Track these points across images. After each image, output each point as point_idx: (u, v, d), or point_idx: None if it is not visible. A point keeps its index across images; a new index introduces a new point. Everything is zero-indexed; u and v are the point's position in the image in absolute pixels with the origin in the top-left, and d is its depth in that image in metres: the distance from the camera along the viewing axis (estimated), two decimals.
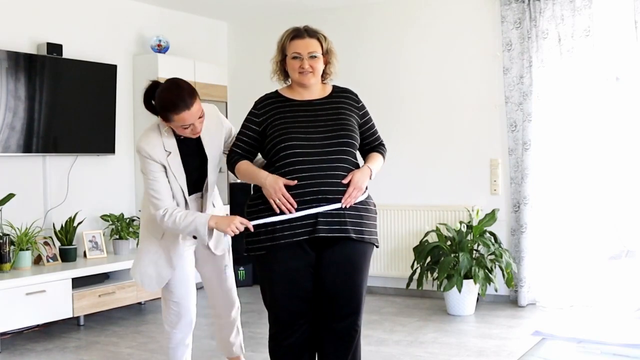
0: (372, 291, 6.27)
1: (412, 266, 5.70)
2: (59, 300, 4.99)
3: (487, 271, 5.42)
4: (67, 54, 5.60)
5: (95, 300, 5.25)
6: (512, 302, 5.84)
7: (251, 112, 3.16)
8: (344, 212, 2.99)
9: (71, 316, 5.11)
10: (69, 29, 5.71)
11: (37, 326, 5.17)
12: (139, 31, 6.33)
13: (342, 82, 3.25)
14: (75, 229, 5.50)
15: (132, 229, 5.85)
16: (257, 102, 3.17)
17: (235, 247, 3.55)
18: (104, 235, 5.79)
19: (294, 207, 2.95)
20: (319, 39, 3.09)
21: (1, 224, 5.04)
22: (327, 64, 3.13)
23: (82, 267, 5.26)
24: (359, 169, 3.07)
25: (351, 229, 2.99)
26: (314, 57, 3.06)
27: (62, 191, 5.63)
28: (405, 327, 5.16)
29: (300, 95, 3.13)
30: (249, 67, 6.99)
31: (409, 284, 5.74)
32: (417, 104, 6.29)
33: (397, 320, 5.39)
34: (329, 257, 3.02)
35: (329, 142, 3.00)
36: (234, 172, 3.21)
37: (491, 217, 5.63)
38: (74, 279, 5.11)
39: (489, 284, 5.42)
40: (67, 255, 5.43)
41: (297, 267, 3.01)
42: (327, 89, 3.19)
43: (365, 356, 3.47)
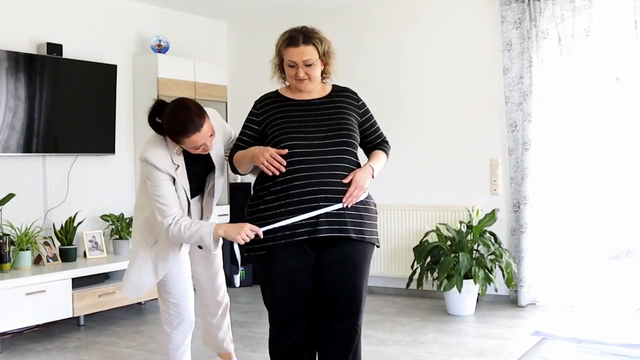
0: (372, 291, 6.27)
1: (412, 266, 5.70)
2: (59, 300, 4.99)
3: (487, 271, 5.42)
4: (67, 54, 5.60)
5: (95, 300, 5.25)
6: (512, 302, 5.84)
7: (251, 112, 3.16)
8: (344, 212, 2.98)
9: (71, 316, 5.12)
10: (69, 29, 5.71)
11: (37, 326, 5.17)
12: (139, 31, 6.33)
13: (342, 82, 3.24)
14: (75, 229, 5.50)
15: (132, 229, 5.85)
16: (257, 102, 3.17)
17: (228, 249, 3.52)
18: (104, 235, 5.79)
19: (283, 165, 2.91)
20: (314, 44, 3.02)
21: (1, 224, 5.04)
22: (325, 64, 3.09)
23: (82, 267, 5.26)
24: (360, 167, 3.06)
25: (351, 229, 2.99)
26: (310, 65, 3.01)
27: (62, 191, 5.63)
28: (405, 327, 5.16)
29: (299, 95, 3.12)
30: (249, 67, 6.99)
31: (409, 284, 5.74)
32: (417, 104, 6.29)
33: (397, 320, 5.39)
34: (329, 257, 3.01)
35: (328, 141, 2.99)
36: (235, 169, 3.19)
37: (491, 217, 5.63)
38: (74, 279, 5.11)
39: (489, 284, 5.42)
40: (67, 255, 5.43)
41: (297, 267, 3.01)
42: (327, 88, 3.17)
43: (365, 356, 3.47)
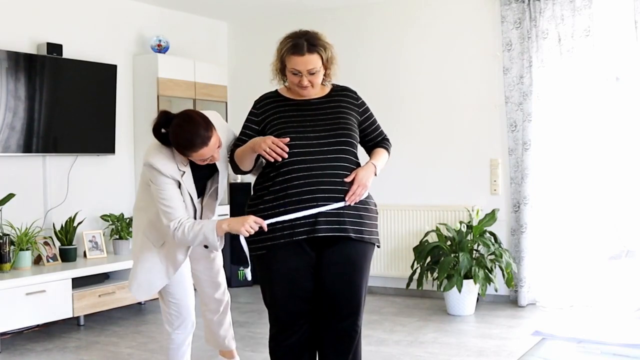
0: (372, 291, 6.27)
1: (412, 266, 5.70)
2: (59, 300, 4.99)
3: (487, 271, 5.42)
4: (67, 54, 5.60)
5: (95, 300, 5.25)
6: (512, 302, 5.84)
7: (251, 111, 3.16)
8: (344, 212, 2.98)
9: (71, 316, 5.11)
10: (69, 29, 5.71)
11: (37, 326, 5.17)
12: (139, 31, 6.33)
13: (342, 82, 3.24)
14: (75, 229, 5.50)
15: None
16: (257, 102, 3.17)
17: (236, 246, 3.52)
18: (104, 235, 5.79)
19: (285, 151, 2.90)
20: (319, 52, 2.99)
21: (1, 224, 5.04)
22: (326, 69, 3.07)
23: (82, 267, 5.26)
24: (361, 166, 3.06)
25: (350, 229, 2.99)
26: (314, 73, 3.01)
27: (62, 191, 5.63)
28: (405, 327, 5.16)
29: (299, 95, 3.11)
30: (249, 67, 6.99)
31: (409, 284, 5.74)
32: (417, 104, 6.29)
33: (397, 320, 5.39)
34: (329, 257, 3.01)
35: (327, 141, 2.99)
36: (236, 168, 3.18)
37: (491, 217, 5.63)
38: (74, 279, 5.11)
39: (489, 284, 5.42)
40: (67, 255, 5.43)
41: (297, 267, 3.01)
42: (327, 88, 3.17)
43: (365, 356, 3.47)
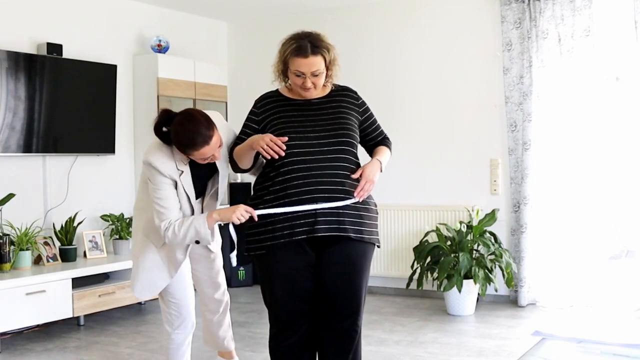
0: (372, 291, 6.27)
1: (412, 266, 5.70)
2: (59, 300, 4.99)
3: (487, 271, 5.42)
4: (67, 54, 5.60)
5: (95, 300, 5.25)
6: (512, 302, 5.84)
7: (251, 111, 3.15)
8: (343, 212, 2.98)
9: (71, 316, 5.11)
10: (69, 29, 5.71)
11: (37, 326, 5.17)
12: (139, 31, 6.33)
13: (342, 82, 3.23)
14: (75, 229, 5.50)
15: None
16: (257, 101, 3.17)
17: (225, 235, 3.50)
18: (104, 235, 5.79)
19: (282, 149, 2.90)
20: (322, 54, 2.99)
21: (1, 224, 5.04)
22: (328, 70, 3.07)
23: (82, 267, 5.26)
24: (363, 165, 3.06)
25: (350, 229, 2.99)
26: (317, 75, 3.00)
27: (62, 191, 5.63)
28: (405, 327, 5.16)
29: (299, 94, 3.12)
30: (249, 67, 6.99)
31: (409, 284, 5.74)
32: (417, 104, 6.29)
33: (397, 320, 5.39)
34: (328, 257, 3.01)
35: (327, 141, 2.99)
36: (235, 166, 3.18)
37: (491, 217, 5.63)
38: (74, 279, 5.11)
39: (489, 284, 5.42)
40: (67, 255, 5.43)
41: (297, 267, 3.00)
42: (327, 87, 3.16)
43: (365, 356, 3.47)
